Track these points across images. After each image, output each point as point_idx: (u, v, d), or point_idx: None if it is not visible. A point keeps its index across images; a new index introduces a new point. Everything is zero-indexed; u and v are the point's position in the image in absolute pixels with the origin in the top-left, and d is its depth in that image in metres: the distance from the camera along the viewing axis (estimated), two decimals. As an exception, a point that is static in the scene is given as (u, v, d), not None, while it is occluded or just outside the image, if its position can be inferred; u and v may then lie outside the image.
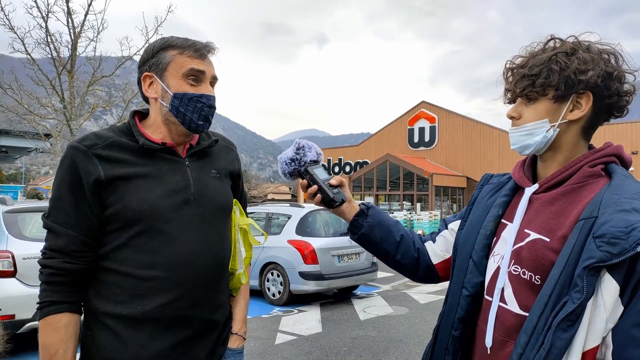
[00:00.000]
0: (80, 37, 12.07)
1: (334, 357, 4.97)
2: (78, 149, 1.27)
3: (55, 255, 1.25)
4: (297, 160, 1.34)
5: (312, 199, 1.34)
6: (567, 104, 1.04)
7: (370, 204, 1.38)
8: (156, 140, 1.35)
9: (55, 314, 1.23)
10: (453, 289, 1.19)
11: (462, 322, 1.14)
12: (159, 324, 1.26)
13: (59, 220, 1.26)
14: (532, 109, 1.07)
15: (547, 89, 1.03)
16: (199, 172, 1.40)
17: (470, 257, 1.16)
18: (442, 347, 1.18)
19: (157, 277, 1.26)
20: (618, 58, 1.04)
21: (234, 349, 1.46)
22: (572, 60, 1.01)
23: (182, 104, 1.32)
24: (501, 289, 1.05)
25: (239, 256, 1.52)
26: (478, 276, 1.13)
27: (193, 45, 1.34)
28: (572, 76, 1.00)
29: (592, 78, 0.99)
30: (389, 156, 27.71)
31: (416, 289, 8.83)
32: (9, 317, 4.49)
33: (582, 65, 1.00)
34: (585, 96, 1.02)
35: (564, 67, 1.01)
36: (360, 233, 1.34)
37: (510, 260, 1.05)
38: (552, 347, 0.88)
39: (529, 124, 1.07)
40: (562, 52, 1.03)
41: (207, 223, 1.36)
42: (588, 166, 1.03)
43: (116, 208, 1.26)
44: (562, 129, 1.05)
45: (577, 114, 1.04)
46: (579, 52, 1.02)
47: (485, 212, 1.20)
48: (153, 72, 1.35)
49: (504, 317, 1.04)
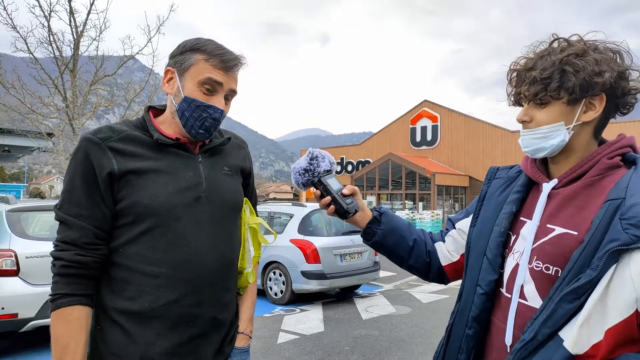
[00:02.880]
0: (82, 36, 12.07)
1: (337, 356, 4.96)
2: (92, 141, 1.26)
3: (68, 247, 1.24)
4: (311, 171, 1.35)
5: (325, 209, 1.34)
6: (580, 106, 1.03)
7: (382, 209, 1.39)
8: (170, 135, 1.35)
9: (67, 306, 1.22)
10: (467, 287, 1.18)
11: (476, 321, 1.13)
12: (166, 322, 1.26)
13: (71, 212, 1.25)
14: (545, 112, 1.05)
15: (561, 92, 1.02)
16: (211, 169, 1.39)
17: (484, 255, 1.15)
18: (456, 346, 1.17)
19: (165, 275, 1.25)
20: (623, 56, 1.03)
21: (240, 348, 1.46)
22: (586, 62, 0.99)
23: (188, 109, 1.32)
24: (520, 285, 1.05)
25: (248, 255, 1.52)
26: (492, 274, 1.12)
27: (221, 55, 1.32)
28: (587, 79, 0.99)
29: (608, 80, 0.98)
30: (391, 155, 27.67)
31: (418, 289, 8.82)
32: (12, 316, 4.50)
33: (597, 67, 0.99)
34: (598, 97, 1.02)
35: (578, 69, 0.99)
36: (373, 240, 1.36)
37: (531, 257, 1.04)
38: (553, 313, 0.91)
39: (545, 127, 1.05)
40: (573, 53, 1.01)
41: (217, 221, 1.36)
42: (606, 158, 1.02)
43: (128, 202, 1.25)
44: (576, 131, 1.04)
45: (591, 115, 1.03)
46: (590, 53, 1.01)
47: (497, 208, 1.18)
48: (176, 68, 1.34)
49: (525, 314, 1.02)
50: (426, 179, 26.21)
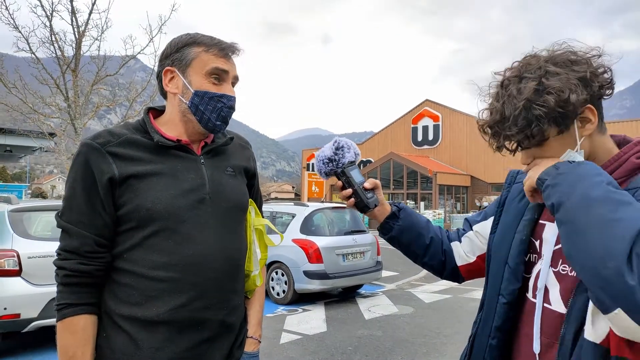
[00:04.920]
0: (84, 36, 12.06)
1: (340, 356, 4.95)
2: (92, 146, 1.25)
3: (70, 256, 1.23)
4: (335, 161, 1.32)
5: (345, 201, 1.33)
6: (574, 128, 0.98)
7: (401, 205, 1.37)
8: (171, 137, 1.33)
9: (73, 316, 1.21)
10: (489, 296, 1.16)
11: (499, 330, 1.10)
12: (173, 327, 1.24)
13: (72, 220, 1.24)
14: (546, 149, 1.00)
15: (546, 133, 0.96)
16: (214, 171, 1.37)
17: (507, 263, 1.11)
18: (479, 356, 1.14)
19: (171, 279, 1.23)
20: (586, 53, 0.97)
21: (249, 353, 1.45)
22: (548, 94, 0.93)
23: (202, 102, 1.31)
24: (544, 289, 1.02)
25: (255, 257, 1.49)
26: (515, 283, 1.09)
27: (219, 44, 1.32)
28: (560, 111, 0.93)
29: (580, 97, 0.93)
30: (393, 155, 27.65)
31: (421, 288, 8.80)
32: (15, 316, 4.50)
33: (561, 94, 0.93)
34: (587, 110, 0.97)
35: (545, 106, 0.93)
36: (390, 235, 1.35)
37: (557, 260, 1.01)
38: (572, 308, 0.91)
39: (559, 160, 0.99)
40: (529, 89, 0.95)
41: (222, 223, 1.34)
42: (635, 157, 0.98)
43: (129, 207, 1.24)
44: (585, 144, 0.99)
45: (590, 127, 0.98)
46: (547, 78, 0.95)
47: (519, 215, 1.15)
48: (176, 67, 1.33)
49: (549, 319, 1.00)
50: (428, 179, 26.18)
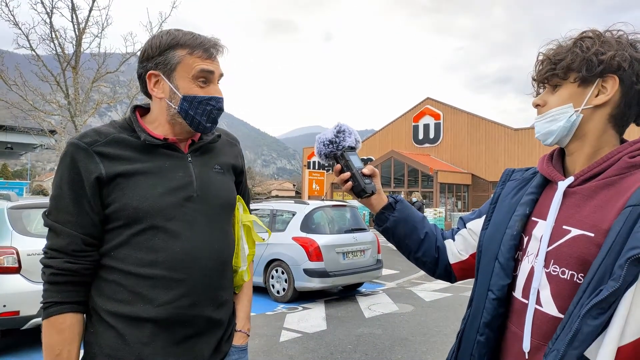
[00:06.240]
0: (84, 33, 12.07)
1: (339, 355, 4.94)
2: (78, 146, 1.25)
3: (57, 255, 1.23)
4: (336, 143, 1.33)
5: (342, 185, 1.33)
6: (591, 89, 1.00)
7: (399, 198, 1.37)
8: (158, 135, 1.33)
9: (59, 314, 1.22)
10: (478, 292, 1.14)
11: (487, 327, 1.09)
12: (161, 323, 1.24)
13: (59, 219, 1.24)
14: (556, 95, 1.05)
15: (568, 72, 1.01)
16: (202, 168, 1.37)
17: (496, 259, 1.10)
18: (467, 353, 1.13)
19: (159, 276, 1.24)
20: None
21: (238, 346, 1.46)
22: (594, 43, 0.99)
23: (191, 107, 1.30)
24: (537, 290, 1.00)
25: (242, 253, 1.50)
26: (505, 278, 1.08)
27: (202, 44, 1.30)
28: (593, 58, 0.98)
29: (614, 59, 0.96)
30: (394, 153, 27.63)
31: (421, 287, 8.80)
32: (14, 314, 4.49)
33: (604, 47, 0.98)
34: (610, 80, 0.99)
35: (585, 49, 0.99)
36: (385, 226, 1.35)
37: (549, 261, 1.00)
38: (579, 332, 0.84)
39: (553, 109, 1.04)
40: (587, 37, 1.01)
41: (210, 220, 1.34)
42: (628, 157, 0.98)
43: (117, 206, 1.24)
44: (588, 116, 1.01)
45: (603, 98, 0.99)
46: (605, 36, 1.00)
47: (510, 210, 1.14)
48: (160, 71, 1.30)
49: (540, 321, 0.98)
50: (428, 177, 26.16)
